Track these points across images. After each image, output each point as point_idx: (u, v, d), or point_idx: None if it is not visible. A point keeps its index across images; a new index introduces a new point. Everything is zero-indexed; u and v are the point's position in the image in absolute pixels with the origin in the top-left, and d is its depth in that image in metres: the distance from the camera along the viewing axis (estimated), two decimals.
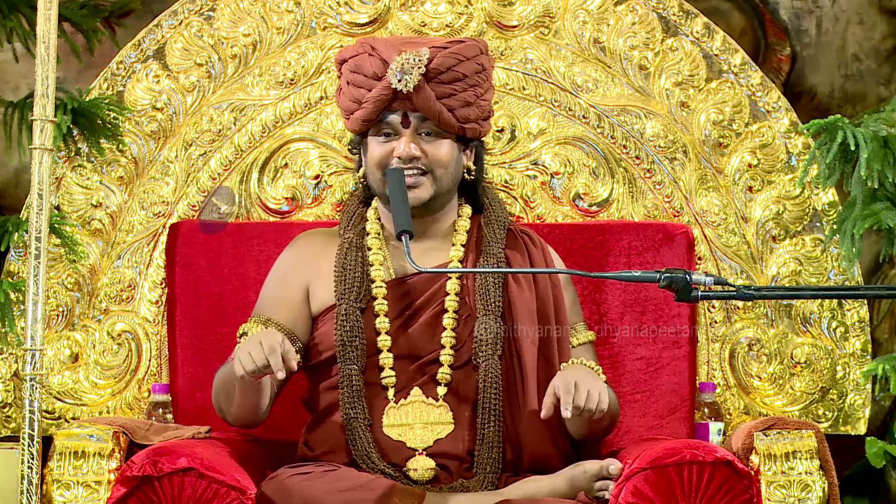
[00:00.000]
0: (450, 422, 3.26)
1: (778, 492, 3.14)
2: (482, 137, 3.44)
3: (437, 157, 3.31)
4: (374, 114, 3.30)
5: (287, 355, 3.02)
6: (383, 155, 3.32)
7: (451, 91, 3.29)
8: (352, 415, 3.24)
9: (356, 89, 3.32)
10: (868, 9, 4.51)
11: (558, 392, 3.08)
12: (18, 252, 3.70)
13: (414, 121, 3.30)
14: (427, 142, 3.31)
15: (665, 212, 3.78)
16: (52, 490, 3.12)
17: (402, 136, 3.30)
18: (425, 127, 3.31)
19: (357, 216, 3.44)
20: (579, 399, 3.06)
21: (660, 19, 3.81)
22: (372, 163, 3.34)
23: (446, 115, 3.29)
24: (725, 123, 3.79)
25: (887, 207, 3.51)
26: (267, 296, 3.41)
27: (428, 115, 3.29)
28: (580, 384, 3.07)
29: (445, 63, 3.28)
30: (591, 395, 3.08)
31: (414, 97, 3.27)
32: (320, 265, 3.37)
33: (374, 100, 3.29)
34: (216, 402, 3.34)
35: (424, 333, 3.30)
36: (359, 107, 3.32)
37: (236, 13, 3.80)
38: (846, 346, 3.75)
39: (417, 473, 3.22)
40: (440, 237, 3.39)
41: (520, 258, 3.39)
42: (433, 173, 3.31)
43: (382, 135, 3.33)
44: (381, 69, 3.28)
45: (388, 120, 3.31)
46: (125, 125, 3.75)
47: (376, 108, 3.30)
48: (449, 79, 3.29)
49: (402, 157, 3.29)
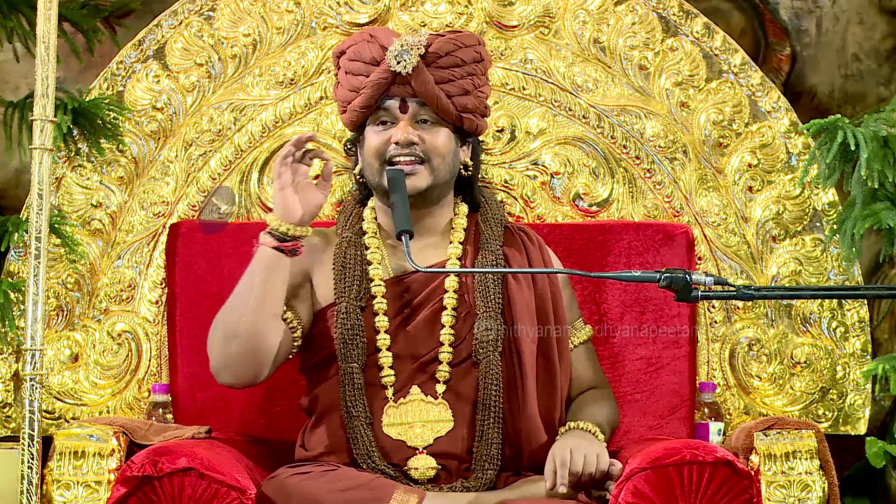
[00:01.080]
0: (449, 419, 3.26)
1: (778, 492, 3.14)
2: (479, 134, 3.43)
3: (434, 144, 3.31)
4: (372, 99, 3.30)
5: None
6: (381, 143, 3.31)
7: (449, 76, 3.30)
8: (353, 413, 3.24)
9: (354, 77, 3.32)
10: (868, 9, 4.51)
11: (556, 462, 3.12)
12: (18, 252, 3.70)
13: (412, 107, 3.30)
14: (425, 129, 3.31)
15: (665, 212, 3.78)
16: (52, 490, 3.12)
17: (400, 123, 3.30)
18: (424, 113, 3.31)
19: (354, 215, 3.44)
20: (575, 466, 3.09)
21: (660, 19, 3.81)
22: (369, 153, 3.33)
23: (444, 100, 3.29)
24: (725, 123, 3.79)
25: (887, 207, 3.51)
26: None
27: (426, 99, 3.29)
28: (575, 452, 3.11)
29: (444, 48, 3.29)
30: (588, 460, 3.11)
31: (412, 81, 3.27)
32: (320, 263, 3.37)
33: (373, 84, 3.28)
34: (217, 345, 3.17)
35: (423, 331, 3.30)
36: (357, 94, 3.32)
37: (236, 13, 3.80)
38: (846, 346, 3.75)
39: (418, 472, 3.22)
40: (437, 234, 3.39)
41: (518, 256, 3.39)
42: (430, 162, 3.31)
43: (380, 123, 3.32)
44: (379, 54, 3.29)
45: (385, 106, 3.31)
46: (125, 125, 3.75)
47: (374, 93, 3.29)
48: (447, 63, 3.30)
49: (399, 142, 3.28)
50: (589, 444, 3.15)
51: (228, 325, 3.16)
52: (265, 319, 3.16)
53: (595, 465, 3.11)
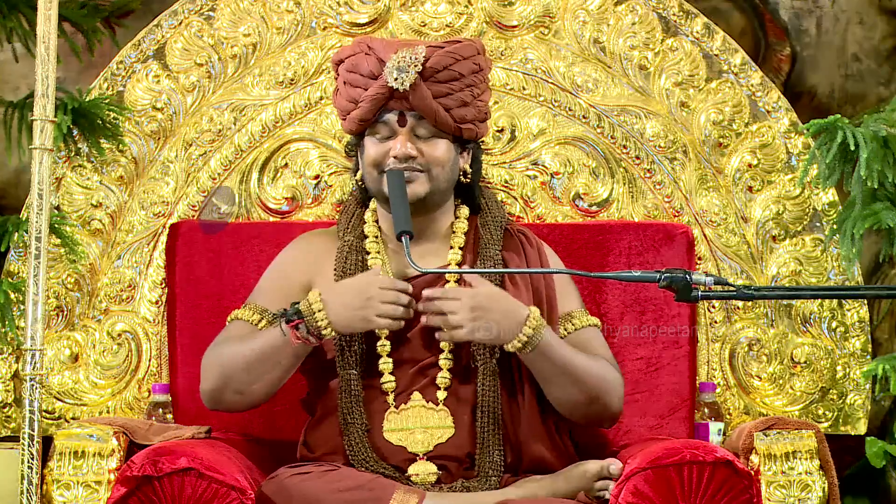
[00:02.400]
0: (450, 426, 3.26)
1: (778, 492, 3.14)
2: (479, 139, 3.43)
3: (433, 156, 3.30)
4: (370, 113, 3.29)
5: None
6: (379, 154, 3.31)
7: (447, 90, 3.28)
8: (349, 420, 3.24)
9: (353, 89, 3.31)
10: (868, 9, 4.51)
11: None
12: (18, 252, 3.70)
13: (410, 120, 3.30)
14: (423, 141, 3.30)
15: (665, 212, 3.78)
16: (52, 490, 3.12)
17: (399, 136, 3.30)
18: (422, 126, 3.30)
19: (356, 218, 3.43)
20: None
21: (660, 19, 3.81)
22: (368, 162, 3.32)
23: (443, 114, 3.28)
24: (725, 123, 3.79)
25: (887, 207, 3.51)
26: (266, 287, 3.38)
27: (424, 114, 3.28)
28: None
29: (442, 62, 3.28)
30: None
31: (410, 96, 3.26)
32: (322, 266, 3.37)
33: (371, 98, 3.28)
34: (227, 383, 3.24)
35: (423, 337, 3.29)
36: (355, 106, 3.30)
37: (236, 13, 3.80)
38: (846, 346, 3.75)
39: (419, 478, 3.21)
40: (438, 240, 3.38)
41: (516, 259, 3.38)
42: (430, 172, 3.30)
43: (379, 134, 3.32)
44: (377, 68, 3.27)
45: (384, 119, 3.30)
46: (125, 125, 3.75)
47: (373, 107, 3.29)
48: (445, 77, 3.28)
49: (398, 156, 3.28)
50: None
51: (238, 382, 3.25)
52: (276, 389, 3.28)
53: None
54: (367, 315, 3.16)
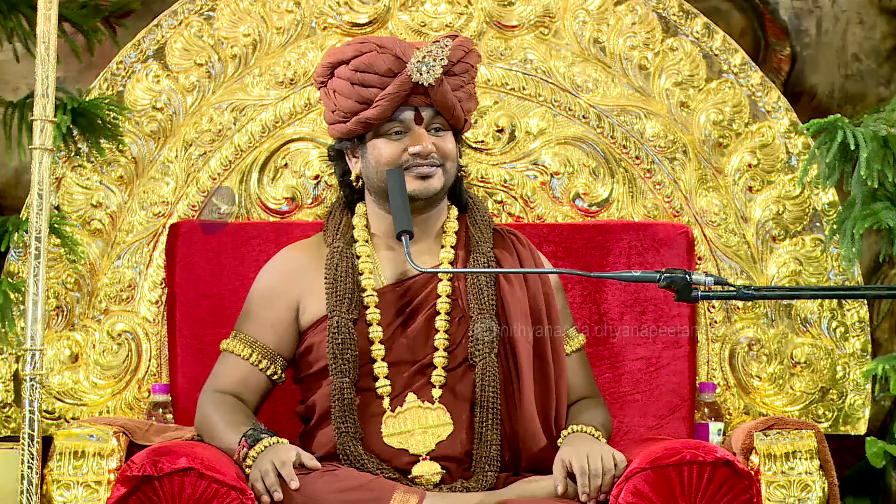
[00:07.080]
0: (448, 423, 3.25)
1: (778, 492, 3.14)
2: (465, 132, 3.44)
3: (445, 150, 3.31)
4: (389, 111, 3.26)
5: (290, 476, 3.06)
6: (396, 153, 3.28)
7: (460, 83, 3.29)
8: (342, 429, 3.22)
9: (364, 88, 3.27)
10: (868, 9, 4.51)
11: (571, 469, 3.10)
12: (18, 252, 3.70)
13: (426, 116, 3.29)
14: (437, 137, 3.30)
15: (665, 212, 3.78)
16: (52, 490, 3.12)
17: (414, 133, 3.28)
18: (436, 122, 3.29)
19: (344, 224, 3.41)
20: (596, 472, 3.08)
21: (660, 19, 3.81)
22: (384, 162, 3.28)
23: (458, 108, 3.29)
24: (725, 123, 3.79)
25: (887, 207, 3.51)
26: (252, 314, 3.36)
27: (443, 109, 3.27)
28: (591, 458, 3.10)
29: (455, 55, 3.27)
30: (605, 463, 3.09)
31: (432, 91, 3.25)
32: (309, 278, 3.34)
33: (392, 96, 3.24)
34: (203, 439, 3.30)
35: (418, 338, 3.29)
36: (366, 107, 3.27)
37: (236, 13, 3.80)
38: (846, 346, 3.75)
39: (424, 479, 3.20)
40: (430, 239, 3.37)
41: (508, 258, 3.38)
42: (444, 166, 3.31)
43: (393, 133, 3.30)
44: (395, 65, 3.25)
45: (401, 118, 3.28)
46: (125, 125, 3.75)
47: (392, 105, 3.26)
48: (460, 70, 3.29)
49: (421, 153, 3.26)
50: (600, 447, 3.14)
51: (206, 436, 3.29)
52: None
53: (614, 466, 3.09)
54: (254, 475, 3.10)
